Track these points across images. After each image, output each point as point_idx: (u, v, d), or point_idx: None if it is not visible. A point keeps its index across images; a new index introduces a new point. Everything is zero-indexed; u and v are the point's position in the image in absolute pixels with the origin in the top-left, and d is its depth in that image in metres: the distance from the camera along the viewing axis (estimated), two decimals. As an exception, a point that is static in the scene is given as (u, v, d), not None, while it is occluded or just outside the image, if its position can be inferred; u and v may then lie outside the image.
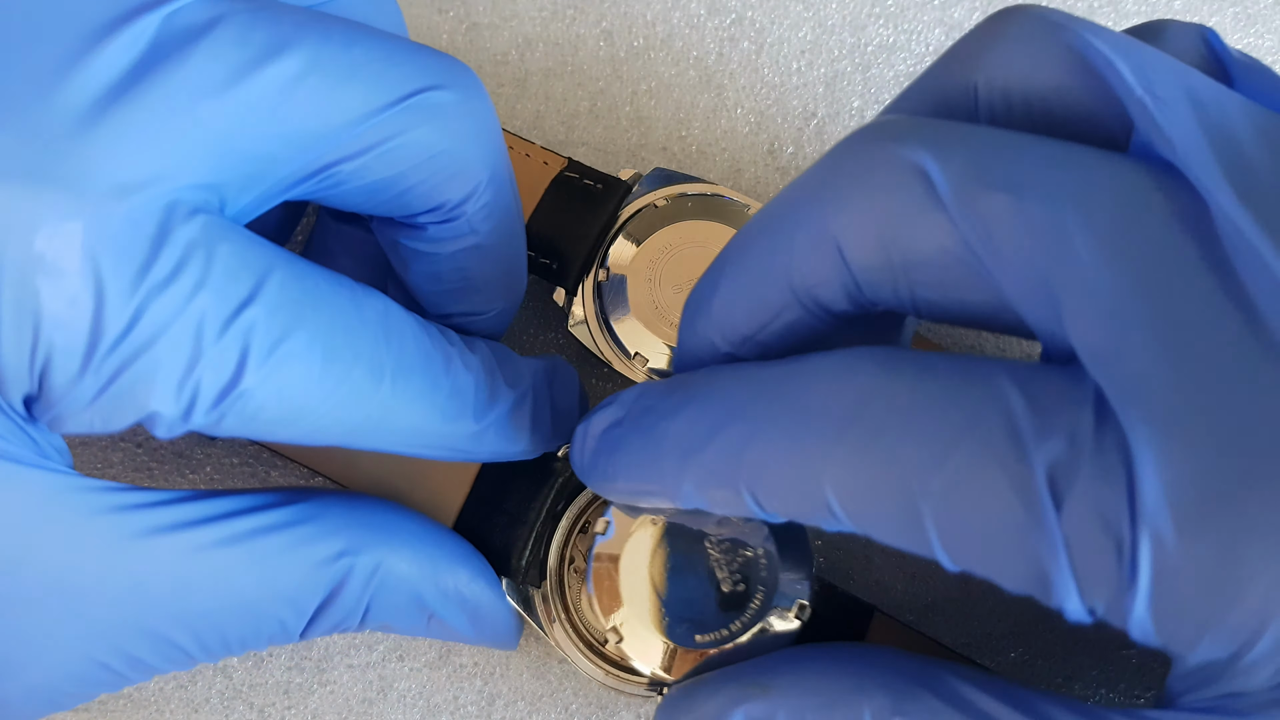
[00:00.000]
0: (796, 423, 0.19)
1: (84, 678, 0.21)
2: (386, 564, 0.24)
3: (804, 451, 0.19)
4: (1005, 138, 0.19)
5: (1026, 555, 0.17)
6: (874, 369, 0.18)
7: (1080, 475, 0.16)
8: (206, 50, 0.19)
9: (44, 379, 0.19)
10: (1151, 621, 0.16)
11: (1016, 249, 0.17)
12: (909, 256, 0.18)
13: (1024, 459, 0.16)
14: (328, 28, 0.21)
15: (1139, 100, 0.18)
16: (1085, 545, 0.16)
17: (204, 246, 0.19)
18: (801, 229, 0.19)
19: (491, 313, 0.25)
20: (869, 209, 0.19)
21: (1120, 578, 0.16)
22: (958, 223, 0.18)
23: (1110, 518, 0.16)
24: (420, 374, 0.22)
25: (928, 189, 0.18)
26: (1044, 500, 0.16)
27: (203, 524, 0.22)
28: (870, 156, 0.19)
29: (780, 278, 0.20)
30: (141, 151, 0.18)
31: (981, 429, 0.17)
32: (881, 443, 0.18)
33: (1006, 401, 0.17)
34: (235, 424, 0.20)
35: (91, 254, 0.18)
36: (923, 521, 0.17)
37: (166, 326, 0.19)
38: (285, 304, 0.20)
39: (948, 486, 0.17)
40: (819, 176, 0.20)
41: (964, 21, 0.33)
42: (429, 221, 0.23)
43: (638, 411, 0.22)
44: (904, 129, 0.19)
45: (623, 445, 0.22)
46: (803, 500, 0.19)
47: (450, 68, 0.22)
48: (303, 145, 0.20)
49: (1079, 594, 0.16)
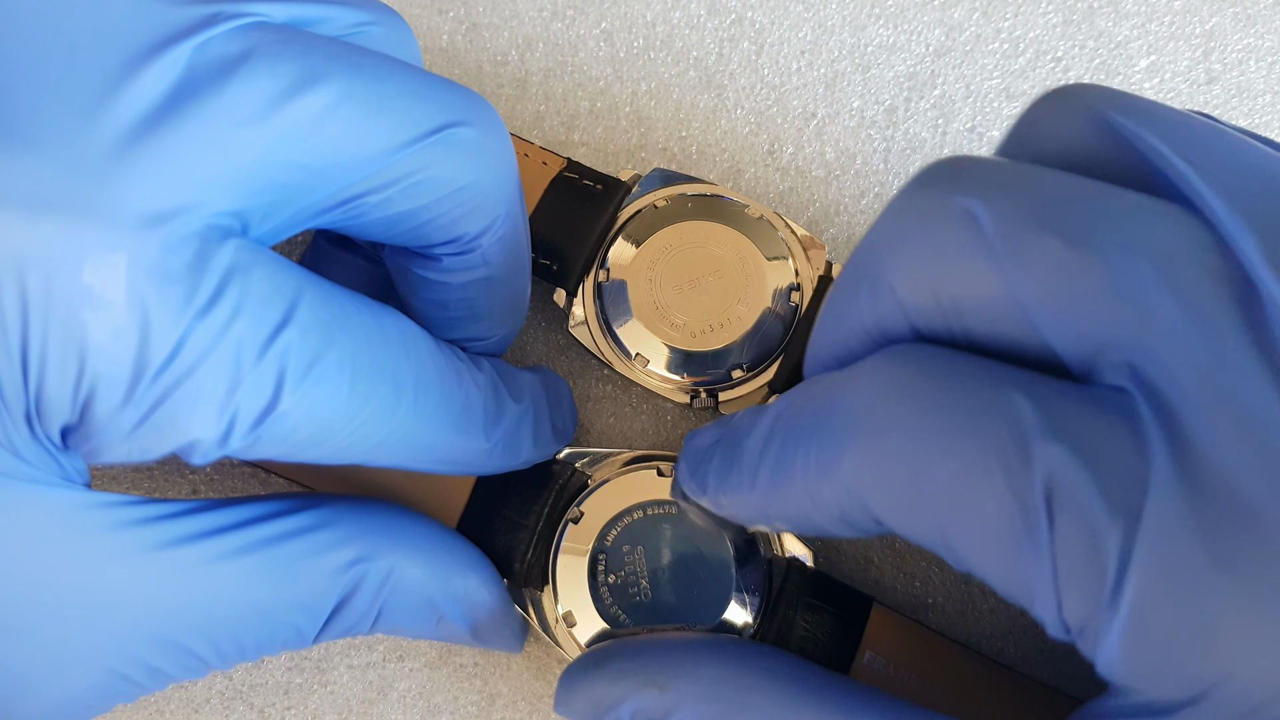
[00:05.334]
0: (829, 413, 0.19)
1: (104, 690, 0.21)
2: (399, 569, 0.24)
3: (829, 440, 0.19)
4: (1061, 180, 0.18)
5: (1015, 563, 0.17)
6: (899, 367, 0.19)
7: (1079, 493, 0.16)
8: (241, 81, 0.19)
9: (86, 410, 0.19)
10: (1121, 652, 0.16)
11: (1063, 298, 0.17)
12: (958, 301, 0.19)
13: (1026, 465, 0.16)
14: (357, 60, 0.21)
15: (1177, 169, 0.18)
16: (1071, 565, 0.16)
17: (240, 272, 0.19)
18: (864, 279, 0.20)
19: (494, 338, 0.26)
20: (918, 254, 0.19)
21: (1101, 602, 0.16)
22: (1004, 268, 0.18)
23: (1101, 545, 0.16)
24: (437, 390, 0.23)
25: (975, 234, 0.18)
26: (1038, 510, 0.16)
27: (218, 534, 0.22)
28: (923, 200, 0.19)
29: (855, 327, 0.21)
30: (176, 180, 0.19)
31: (989, 429, 0.17)
32: (894, 433, 0.18)
33: (1017, 405, 0.17)
34: (267, 447, 0.20)
35: (136, 284, 0.18)
36: (930, 515, 0.18)
37: (207, 354, 0.19)
38: (316, 326, 0.20)
39: (951, 481, 0.17)
40: (881, 223, 0.20)
41: (964, 21, 0.33)
42: (445, 253, 0.23)
43: (732, 430, 0.23)
44: (959, 169, 0.19)
45: (709, 459, 0.23)
46: (836, 490, 0.19)
47: (473, 103, 0.22)
48: (331, 176, 0.20)
49: (1058, 610, 0.16)
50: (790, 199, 0.32)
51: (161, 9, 0.19)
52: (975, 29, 0.33)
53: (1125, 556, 0.16)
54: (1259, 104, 0.32)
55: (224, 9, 0.20)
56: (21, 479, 0.20)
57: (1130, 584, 0.16)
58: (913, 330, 0.20)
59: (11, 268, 0.18)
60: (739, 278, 0.28)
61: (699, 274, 0.28)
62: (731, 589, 0.26)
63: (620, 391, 0.31)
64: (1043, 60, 0.33)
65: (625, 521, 0.26)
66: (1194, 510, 0.16)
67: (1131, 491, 0.16)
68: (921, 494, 0.18)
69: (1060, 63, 0.33)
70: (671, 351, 0.28)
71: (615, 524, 0.26)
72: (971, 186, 0.18)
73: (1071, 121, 0.20)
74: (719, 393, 0.28)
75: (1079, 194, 0.18)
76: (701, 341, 0.28)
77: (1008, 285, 0.18)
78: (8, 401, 0.19)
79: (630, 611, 0.26)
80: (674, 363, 0.28)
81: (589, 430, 0.30)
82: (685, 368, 0.28)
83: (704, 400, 0.28)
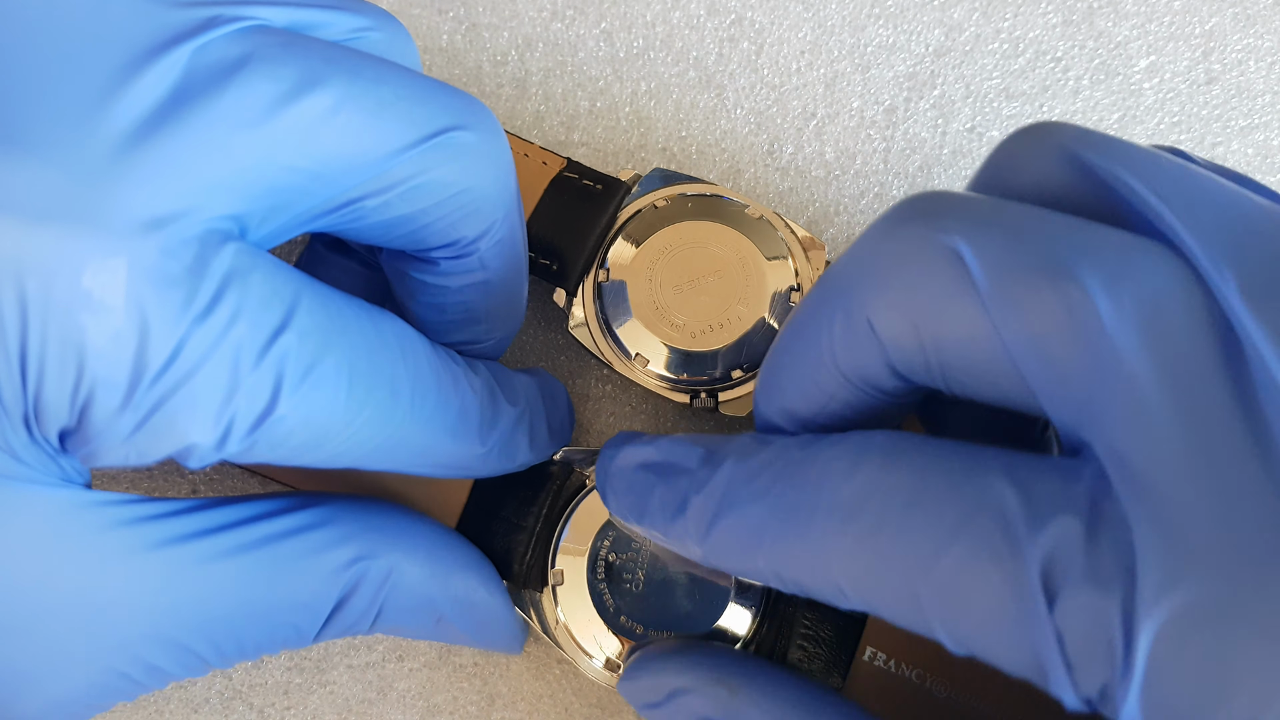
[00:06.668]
0: (808, 512, 0.19)
1: (104, 688, 0.21)
2: (399, 568, 0.24)
3: (814, 540, 0.19)
4: (1046, 218, 0.18)
5: (1022, 646, 0.17)
6: (879, 459, 0.19)
7: (1074, 571, 0.16)
8: (240, 84, 0.19)
9: (84, 414, 0.19)
10: (1143, 715, 0.16)
11: (1048, 340, 0.17)
12: (940, 340, 0.18)
13: (1017, 555, 0.17)
14: (356, 64, 0.21)
15: (1151, 206, 0.18)
16: (1078, 640, 0.16)
17: (239, 276, 0.19)
18: (839, 311, 0.20)
19: (491, 341, 0.26)
20: (901, 290, 0.19)
21: (1113, 671, 0.16)
22: (989, 309, 0.18)
23: (1104, 616, 0.16)
24: (433, 394, 0.23)
25: (961, 273, 0.18)
26: (1036, 595, 0.16)
27: (218, 532, 0.22)
28: (905, 236, 0.19)
29: (826, 360, 0.20)
30: (175, 184, 0.19)
31: (977, 525, 0.17)
32: (882, 536, 0.18)
33: (1001, 498, 0.17)
34: (263, 451, 0.20)
35: (136, 288, 0.18)
36: (925, 611, 0.18)
37: (206, 358, 0.19)
38: (314, 330, 0.20)
39: (944, 580, 0.17)
40: (856, 256, 0.20)
41: (963, 22, 0.33)
42: (442, 257, 0.23)
43: (671, 468, 0.22)
44: (940, 205, 0.19)
45: (649, 493, 0.22)
46: (816, 581, 0.19)
47: (471, 107, 0.22)
48: (329, 179, 0.20)
49: (1072, 686, 0.17)
50: (790, 199, 0.32)
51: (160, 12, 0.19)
52: (975, 29, 0.33)
53: (1129, 619, 0.16)
54: (1259, 104, 0.32)
55: (223, 12, 0.20)
56: (20, 480, 0.20)
57: (1140, 645, 0.16)
58: (889, 368, 0.19)
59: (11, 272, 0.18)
60: (739, 278, 0.28)
61: (699, 274, 0.28)
62: (732, 587, 0.26)
63: (620, 391, 0.31)
64: (1042, 60, 0.33)
65: None
66: (1181, 567, 0.16)
67: (1121, 557, 0.16)
68: (916, 594, 0.18)
69: (1060, 63, 0.33)
70: (671, 352, 0.28)
71: (614, 525, 0.26)
72: (954, 224, 0.18)
73: (1045, 158, 0.19)
74: (719, 393, 0.28)
75: (1061, 232, 0.18)
76: (701, 342, 0.27)
77: (992, 325, 0.18)
78: (6, 405, 0.19)
79: (630, 611, 0.26)
80: (674, 363, 0.28)
81: (588, 430, 0.30)
82: (685, 368, 0.28)
83: (704, 400, 0.28)
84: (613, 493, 0.23)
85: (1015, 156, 0.20)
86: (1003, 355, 0.18)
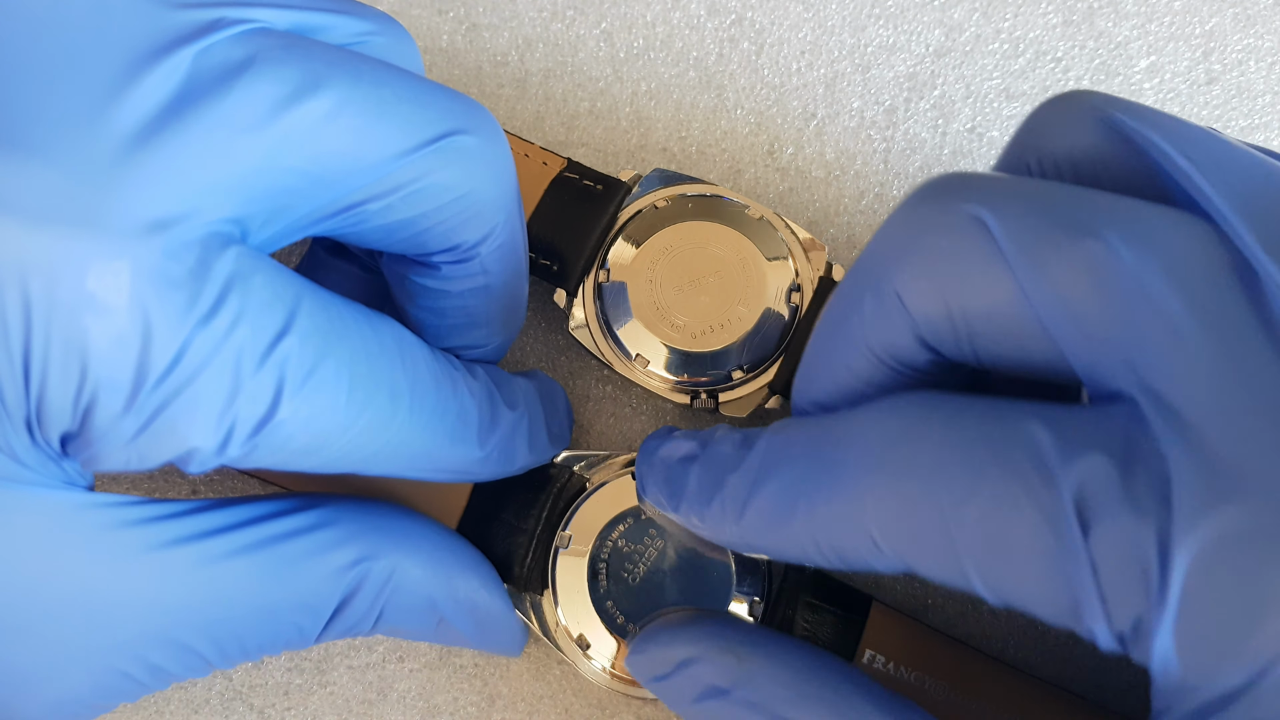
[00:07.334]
0: (840, 465, 0.19)
1: (107, 688, 0.21)
2: (401, 569, 0.24)
3: (846, 487, 0.19)
4: (1064, 189, 0.19)
5: (1057, 581, 0.17)
6: (911, 411, 0.19)
7: (1109, 500, 0.16)
8: (243, 87, 0.19)
9: (87, 417, 0.19)
10: (1176, 644, 0.16)
11: (1074, 296, 0.17)
12: (968, 308, 0.19)
13: (1051, 485, 0.17)
14: (358, 67, 0.21)
15: (1180, 167, 0.18)
16: (1113, 569, 0.16)
17: (241, 279, 0.19)
18: (868, 291, 0.20)
19: (491, 346, 0.26)
20: (927, 262, 0.19)
21: (1148, 602, 0.16)
22: (1015, 271, 0.18)
23: (1139, 543, 0.16)
24: (432, 398, 0.23)
25: (986, 239, 0.18)
26: (1071, 525, 0.16)
27: (220, 533, 0.22)
28: (928, 210, 0.19)
29: (859, 342, 0.20)
30: (178, 186, 0.19)
31: (1010, 459, 0.17)
32: (915, 478, 0.18)
33: (1034, 434, 0.17)
34: (263, 455, 0.20)
35: (139, 291, 0.18)
36: (959, 553, 0.18)
37: (209, 361, 0.19)
38: (315, 334, 0.20)
39: (978, 517, 0.17)
40: (881, 236, 0.20)
41: (963, 22, 0.33)
42: (443, 261, 0.23)
43: (713, 456, 0.22)
44: (962, 181, 0.19)
45: (685, 478, 0.22)
46: (849, 536, 0.19)
47: (473, 111, 0.22)
48: (331, 182, 0.20)
49: (1106, 619, 0.17)
50: (790, 199, 0.32)
51: (163, 14, 0.19)
52: (975, 29, 0.33)
53: (1165, 546, 0.16)
54: (1259, 104, 0.32)
55: (226, 14, 0.20)
56: (22, 483, 0.20)
57: (1175, 571, 0.16)
58: (919, 342, 0.20)
59: (14, 274, 0.18)
60: (739, 278, 0.28)
61: (699, 275, 0.28)
62: (732, 590, 0.26)
63: (620, 392, 0.31)
64: (1042, 61, 0.33)
65: (624, 525, 0.26)
66: (1218, 493, 0.16)
67: (1156, 487, 0.16)
68: (950, 535, 0.18)
69: (1060, 63, 0.33)
70: (671, 352, 0.28)
71: (614, 527, 0.26)
72: (976, 195, 0.19)
73: (1078, 122, 0.20)
74: (719, 393, 0.28)
75: (1083, 198, 0.18)
76: (702, 342, 0.27)
77: (1018, 287, 0.18)
78: (9, 408, 0.19)
79: (631, 614, 0.26)
80: (674, 363, 0.28)
81: (588, 431, 0.30)
82: (685, 368, 0.28)
83: (704, 401, 0.28)
84: (652, 481, 0.23)
85: (1048, 122, 0.20)
86: (1030, 316, 0.18)
